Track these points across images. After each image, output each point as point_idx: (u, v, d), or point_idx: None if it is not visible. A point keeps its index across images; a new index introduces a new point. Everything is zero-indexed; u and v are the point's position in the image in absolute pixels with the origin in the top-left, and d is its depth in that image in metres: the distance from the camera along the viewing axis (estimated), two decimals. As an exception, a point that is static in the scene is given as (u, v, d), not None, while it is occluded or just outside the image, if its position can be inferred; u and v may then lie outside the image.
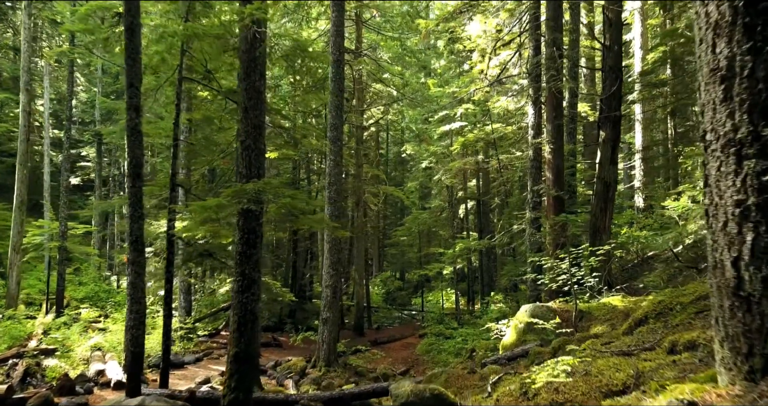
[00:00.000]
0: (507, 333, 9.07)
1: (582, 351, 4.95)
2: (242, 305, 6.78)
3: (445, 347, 16.61)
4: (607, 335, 6.43)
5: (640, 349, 4.22)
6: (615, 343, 4.93)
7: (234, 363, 6.65)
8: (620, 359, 3.76)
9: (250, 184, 6.55)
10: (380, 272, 38.26)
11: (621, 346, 4.59)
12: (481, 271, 26.52)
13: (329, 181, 14.51)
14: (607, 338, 5.76)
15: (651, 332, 4.96)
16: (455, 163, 22.90)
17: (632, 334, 5.52)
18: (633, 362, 3.50)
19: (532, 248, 12.81)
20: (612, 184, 12.29)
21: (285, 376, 13.15)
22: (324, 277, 14.44)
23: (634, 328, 5.62)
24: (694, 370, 2.90)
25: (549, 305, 8.65)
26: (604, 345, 4.97)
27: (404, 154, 35.81)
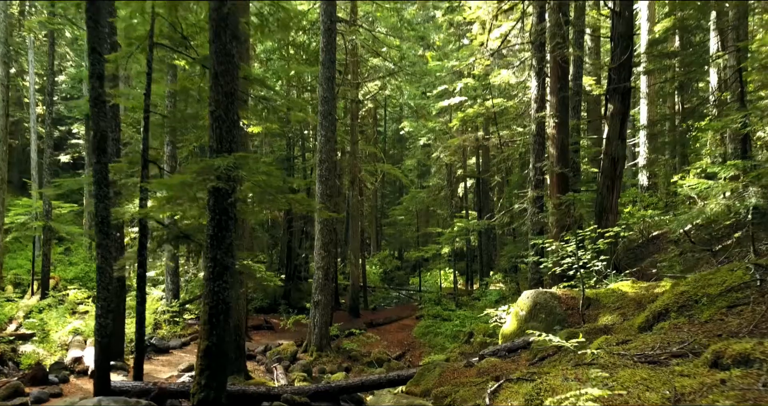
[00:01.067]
0: (507, 321, 8.43)
1: (595, 353, 4.27)
2: (214, 294, 6.10)
3: (442, 330, 16.06)
4: (620, 329, 5.76)
5: (669, 354, 3.54)
6: (633, 342, 4.25)
7: (204, 358, 6.00)
8: (648, 371, 3.08)
9: (218, 160, 5.81)
10: (378, 252, 37.72)
11: (643, 348, 3.91)
12: (480, 250, 25.92)
13: (320, 158, 13.75)
14: (622, 334, 5.08)
15: (675, 330, 4.27)
16: (454, 140, 22.10)
17: (651, 330, 4.84)
18: (666, 377, 2.82)
19: (533, 228, 12.12)
20: (620, 160, 11.54)
21: (274, 361, 12.57)
22: (315, 258, 13.79)
23: (653, 322, 4.93)
24: (758, 400, 2.22)
25: (553, 292, 7.99)
26: (620, 345, 4.29)
27: (402, 132, 34.85)
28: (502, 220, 13.56)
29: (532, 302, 7.87)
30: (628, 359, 3.64)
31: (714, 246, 9.95)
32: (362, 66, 23.01)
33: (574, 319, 7.43)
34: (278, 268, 28.07)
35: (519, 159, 22.91)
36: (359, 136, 22.61)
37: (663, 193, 23.23)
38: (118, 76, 11.43)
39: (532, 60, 12.84)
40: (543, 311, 7.65)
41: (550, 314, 7.56)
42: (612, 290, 7.80)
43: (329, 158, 13.70)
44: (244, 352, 10.89)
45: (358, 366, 13.55)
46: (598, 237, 7.81)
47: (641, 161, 22.90)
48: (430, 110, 26.18)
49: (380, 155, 34.09)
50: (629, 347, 4.04)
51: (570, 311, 7.56)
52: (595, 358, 4.12)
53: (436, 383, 6.47)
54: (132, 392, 7.68)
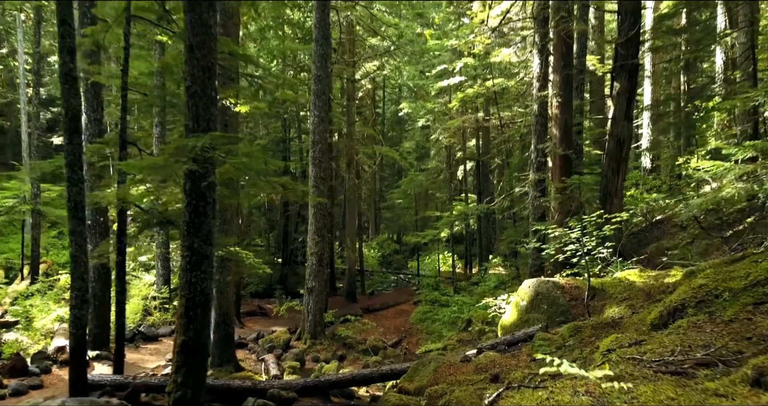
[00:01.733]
0: (507, 311, 8.01)
1: (604, 357, 3.82)
2: (191, 286, 5.64)
3: (439, 317, 15.69)
4: (630, 324, 5.32)
5: (693, 361, 3.08)
6: (648, 343, 3.79)
7: (181, 354, 5.56)
8: (673, 386, 2.63)
9: (192, 140, 5.31)
10: (377, 235, 37.32)
11: (661, 352, 3.45)
12: (479, 234, 25.50)
13: (313, 139, 13.22)
14: (633, 332, 4.64)
15: (696, 330, 3.82)
16: (454, 121, 21.50)
17: (666, 328, 4.39)
18: (698, 397, 2.37)
19: (535, 213, 11.65)
20: (626, 141, 11.02)
21: (266, 350, 12.21)
22: (309, 244, 13.34)
23: (667, 319, 4.48)
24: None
25: (555, 281, 7.54)
26: (634, 346, 3.84)
27: (401, 113, 34.18)
28: (502, 204, 13.08)
29: (533, 291, 7.43)
30: (646, 367, 3.19)
31: (724, 232, 9.49)
32: (359, 45, 22.33)
33: (578, 310, 7.00)
34: (275, 252, 27.70)
35: (520, 141, 22.36)
36: (356, 118, 22.02)
37: (666, 175, 22.73)
38: (99, 52, 10.83)
39: (535, 36, 12.25)
40: (545, 302, 7.22)
41: (553, 305, 7.13)
42: (618, 279, 7.36)
43: (323, 139, 13.17)
44: (232, 341, 10.50)
45: (353, 354, 13.19)
46: (604, 223, 7.34)
47: (644, 143, 22.36)
48: (428, 91, 25.55)
49: (378, 137, 33.50)
50: (645, 350, 3.58)
51: (573, 302, 7.13)
52: (607, 362, 3.67)
53: (431, 379, 6.05)
54: (110, 386, 7.29)
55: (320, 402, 7.07)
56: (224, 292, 10.21)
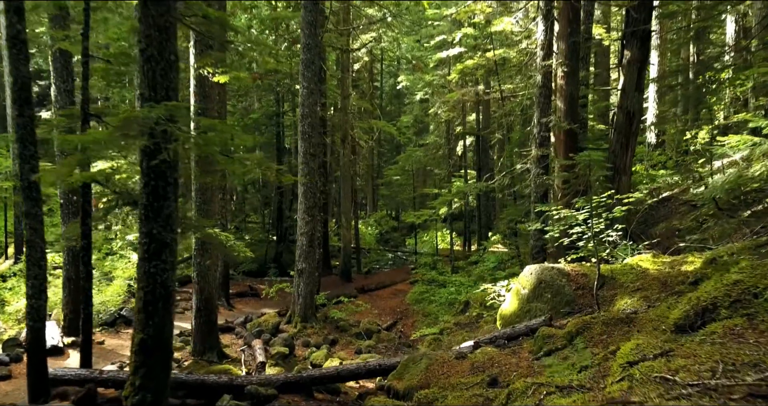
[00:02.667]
0: (507, 299, 7.38)
1: (624, 371, 3.18)
2: (149, 277, 4.98)
3: (436, 298, 15.13)
4: (647, 321, 4.68)
5: (745, 386, 2.43)
6: (678, 355, 3.14)
7: (139, 354, 4.93)
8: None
9: (144, 111, 4.58)
10: (374, 212, 36.71)
11: (697, 369, 2.80)
12: (478, 211, 24.84)
13: (303, 112, 12.43)
14: (654, 335, 3.99)
15: (735, 340, 3.16)
16: (453, 94, 20.62)
17: (694, 331, 3.74)
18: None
19: (537, 191, 10.96)
20: (636, 114, 10.29)
21: (254, 335, 11.64)
22: (299, 223, 12.67)
23: (695, 320, 3.82)
24: None
25: (560, 267, 6.89)
26: (660, 358, 3.19)
27: (400, 86, 33.17)
28: (503, 181, 12.38)
29: (536, 279, 6.78)
30: (683, 395, 2.54)
31: (741, 212, 8.81)
32: (355, 15, 21.30)
33: (585, 300, 6.36)
34: (270, 229, 27.10)
35: (521, 115, 21.47)
36: (352, 91, 21.14)
37: (673, 151, 21.97)
38: (68, 17, 9.98)
39: (540, 1, 11.36)
40: (549, 291, 6.58)
41: (557, 294, 6.49)
42: (630, 266, 6.70)
43: (313, 113, 12.38)
44: (215, 327, 9.92)
45: (345, 338, 12.65)
46: (615, 204, 6.65)
47: (650, 117, 21.54)
48: (427, 62, 24.59)
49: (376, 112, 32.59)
50: (676, 367, 2.93)
51: (580, 291, 6.49)
52: (629, 379, 3.03)
53: (422, 379, 5.44)
54: (74, 381, 6.71)
55: (302, 400, 6.49)
56: (206, 276, 9.58)
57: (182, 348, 9.96)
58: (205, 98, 9.37)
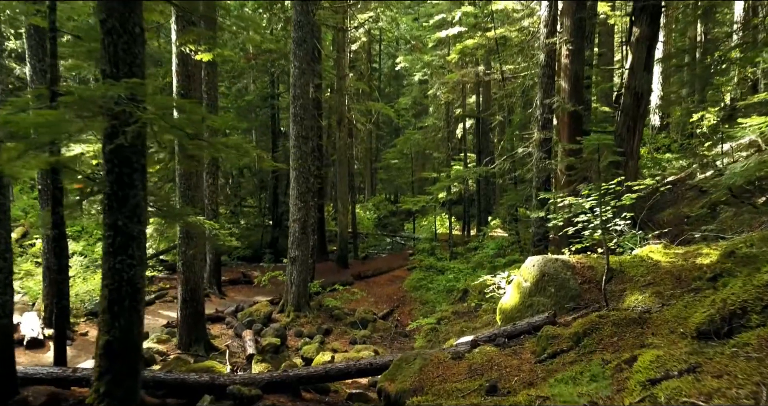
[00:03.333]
0: (507, 292, 6.94)
1: (644, 390, 2.74)
2: (115, 273, 4.53)
3: (434, 286, 14.73)
4: (662, 323, 4.23)
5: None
6: (708, 373, 2.69)
7: (105, 358, 4.50)
8: None
9: (102, 88, 4.09)
10: (373, 196, 36.23)
11: (737, 397, 2.35)
12: (478, 195, 24.37)
13: (294, 93, 11.88)
14: (672, 340, 3.54)
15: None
16: (453, 75, 20.01)
17: (720, 339, 3.29)
18: None
19: (539, 176, 10.46)
20: (644, 96, 9.76)
21: (245, 325, 11.26)
22: (291, 210, 12.20)
23: (721, 326, 3.38)
24: None
25: (565, 259, 6.44)
26: (687, 375, 2.74)
27: (398, 67, 32.43)
28: (503, 166, 11.88)
29: (538, 271, 6.33)
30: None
31: (756, 199, 8.35)
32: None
33: (591, 295, 5.92)
34: (266, 214, 26.64)
35: (522, 97, 20.84)
36: (348, 71, 20.50)
37: (678, 134, 21.43)
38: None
39: (544, -25, 10.74)
40: (552, 284, 6.13)
41: (562, 288, 6.05)
42: (640, 257, 6.25)
43: (304, 94, 11.84)
44: (202, 318, 9.51)
45: (340, 327, 12.28)
46: (625, 191, 6.17)
47: (654, 99, 20.92)
48: (426, 42, 23.90)
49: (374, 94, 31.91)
50: (709, 391, 2.48)
51: (586, 285, 6.04)
52: (651, 401, 2.59)
53: (415, 382, 5.02)
54: (46, 380, 6.29)
55: (288, 400, 6.09)
56: (191, 265, 9.14)
57: (168, 340, 9.57)
58: (188, 78, 8.84)
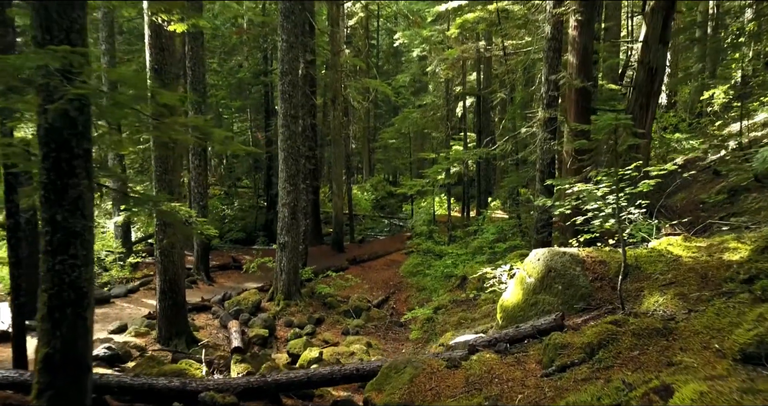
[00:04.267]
0: (509, 287, 6.31)
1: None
2: (55, 275, 3.88)
3: (431, 272, 14.15)
4: (691, 335, 3.60)
5: None
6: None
7: (45, 373, 3.89)
8: None
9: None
10: (371, 176, 35.51)
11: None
12: (478, 176, 23.69)
13: (282, 69, 11.12)
14: (709, 363, 2.92)
15: None
16: (452, 51, 19.14)
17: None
18: None
19: (543, 158, 9.77)
20: (659, 71, 9.02)
21: (232, 315, 10.70)
22: (280, 193, 11.55)
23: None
24: None
25: (573, 252, 5.80)
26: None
27: (397, 44, 31.40)
28: (505, 147, 11.16)
29: (544, 266, 5.70)
30: None
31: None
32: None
33: (604, 294, 5.29)
34: (260, 194, 25.97)
35: (524, 74, 19.99)
36: (343, 47, 19.63)
37: (686, 112, 20.66)
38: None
39: (551, -61, 9.89)
40: (560, 281, 5.51)
41: (570, 286, 5.42)
42: (657, 251, 5.61)
43: (293, 70, 11.07)
44: (183, 310, 8.91)
45: (332, 316, 11.73)
46: (642, 177, 5.51)
47: (662, 76, 20.06)
48: (424, 16, 22.94)
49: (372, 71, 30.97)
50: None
51: (598, 283, 5.41)
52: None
53: (405, 394, 4.43)
54: (1, 384, 5.72)
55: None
56: (170, 254, 8.52)
57: (147, 333, 8.99)
58: (161, 51, 8.09)
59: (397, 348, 9.97)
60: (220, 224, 22.74)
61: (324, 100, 21.90)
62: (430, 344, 9.67)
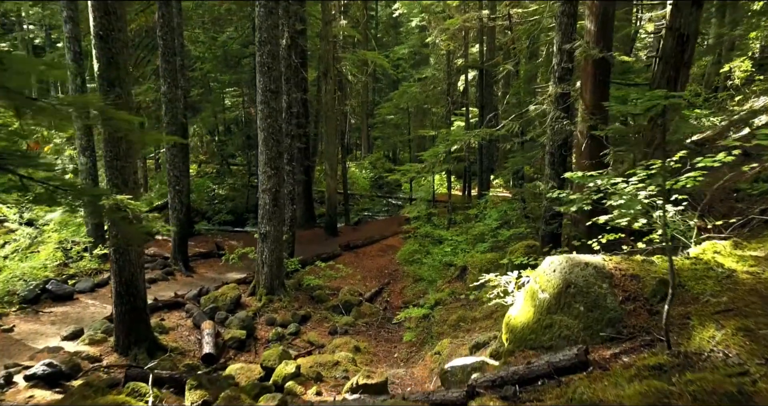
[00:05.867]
0: (518, 301, 5.22)
1: None
2: None
3: (429, 261, 13.09)
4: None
5: None
6: None
7: None
8: None
9: None
10: (369, 153, 34.27)
11: None
12: (480, 153, 22.43)
13: (260, 39, 9.88)
14: None
15: None
16: (453, 20, 17.75)
17: None
18: None
19: (554, 139, 8.59)
20: (691, 38, 7.78)
21: (206, 314, 9.68)
22: (260, 178, 10.42)
23: None
24: None
25: (597, 262, 4.68)
26: None
27: (397, 14, 29.77)
28: (512, 127, 9.95)
29: (561, 279, 4.60)
30: None
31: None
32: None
33: (638, 321, 4.19)
34: (253, 173, 24.82)
35: (529, 46, 18.52)
36: (337, 15, 18.24)
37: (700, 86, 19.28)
38: None
39: None
40: (581, 300, 4.42)
41: (595, 308, 4.33)
42: (703, 262, 4.49)
43: (273, 38, 9.82)
44: (144, 314, 7.85)
45: (320, 312, 10.73)
46: (687, 170, 4.37)
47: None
48: (424, -18, 21.43)
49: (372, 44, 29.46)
50: None
51: (630, 305, 4.31)
52: None
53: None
54: None
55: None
56: (126, 252, 7.43)
57: (104, 340, 7.96)
58: (108, 15, 6.84)
59: (389, 352, 8.98)
60: (209, 205, 21.69)
61: (318, 73, 20.58)
62: (425, 350, 8.66)
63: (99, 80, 7.09)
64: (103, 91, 7.06)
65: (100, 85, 7.08)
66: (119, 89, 7.12)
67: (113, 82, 7.09)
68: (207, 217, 20.36)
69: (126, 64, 7.29)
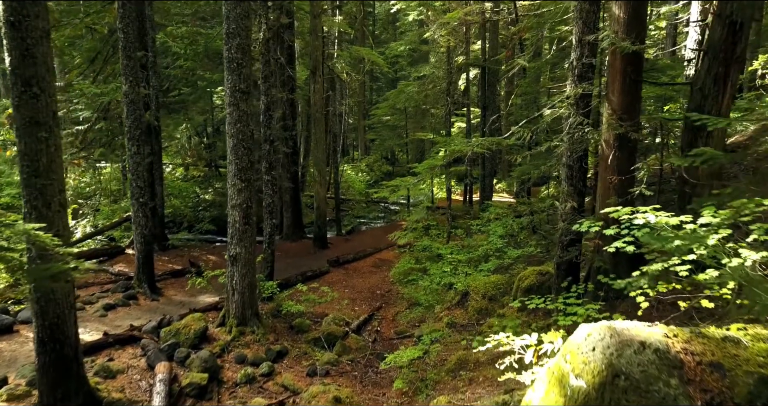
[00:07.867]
0: (539, 386, 3.78)
1: None
2: None
3: (425, 283, 11.65)
4: None
5: None
6: None
7: None
8: None
9: None
10: (366, 156, 32.88)
11: None
12: (482, 157, 20.97)
13: (228, 30, 8.48)
14: None
15: None
16: (454, 13, 16.37)
17: None
18: None
19: (573, 149, 7.18)
20: (745, 27, 6.36)
21: (163, 352, 8.27)
22: (229, 192, 9.01)
23: None
24: None
25: (656, 343, 3.24)
26: None
27: (395, 9, 28.34)
28: (523, 134, 8.52)
29: (605, 366, 3.19)
30: None
31: None
32: None
33: (731, 444, 2.77)
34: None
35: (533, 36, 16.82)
36: (326, 8, 16.83)
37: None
38: None
39: None
40: (637, 402, 3.00)
41: (660, 415, 2.91)
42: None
43: (242, 30, 8.42)
44: (75, 364, 6.43)
45: (298, 346, 9.32)
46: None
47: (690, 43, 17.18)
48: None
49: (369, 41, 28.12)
50: None
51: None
52: None
53: None
54: None
55: None
56: (48, 291, 6.03)
57: (27, 395, 6.56)
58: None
59: (376, 402, 7.57)
60: (193, 211, 20.30)
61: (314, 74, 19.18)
62: (419, 400, 7.27)
63: (12, 78, 5.70)
64: (17, 91, 5.68)
65: (14, 84, 5.70)
66: (37, 89, 5.73)
67: (29, 81, 5.70)
68: (189, 225, 18.98)
69: (48, 59, 5.90)
